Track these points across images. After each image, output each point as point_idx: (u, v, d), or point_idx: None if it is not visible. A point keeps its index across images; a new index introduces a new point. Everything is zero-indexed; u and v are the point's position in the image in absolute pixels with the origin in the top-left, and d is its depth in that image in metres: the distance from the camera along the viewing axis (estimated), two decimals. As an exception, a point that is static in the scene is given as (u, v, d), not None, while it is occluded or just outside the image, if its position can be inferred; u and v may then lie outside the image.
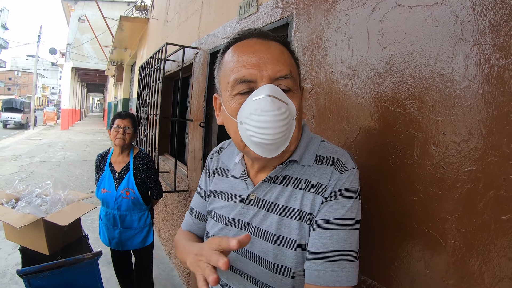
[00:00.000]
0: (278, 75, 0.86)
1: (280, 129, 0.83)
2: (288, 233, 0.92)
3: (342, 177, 0.91)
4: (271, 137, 0.83)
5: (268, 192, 0.98)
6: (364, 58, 1.28)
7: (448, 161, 0.99)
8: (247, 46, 0.90)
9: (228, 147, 1.17)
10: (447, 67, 1.00)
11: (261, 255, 0.94)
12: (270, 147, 0.86)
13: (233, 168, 1.08)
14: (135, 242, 2.95)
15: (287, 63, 0.89)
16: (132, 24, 8.13)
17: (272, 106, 0.81)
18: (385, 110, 1.19)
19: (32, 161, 10.95)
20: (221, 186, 1.11)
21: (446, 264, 0.99)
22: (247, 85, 0.86)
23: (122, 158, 2.92)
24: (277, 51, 0.89)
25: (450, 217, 0.98)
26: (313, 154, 0.97)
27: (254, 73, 0.85)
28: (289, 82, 0.88)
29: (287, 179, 0.97)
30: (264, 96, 0.82)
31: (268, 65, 0.85)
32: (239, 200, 1.03)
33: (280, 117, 0.82)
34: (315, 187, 0.92)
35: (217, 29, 2.87)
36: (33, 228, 2.43)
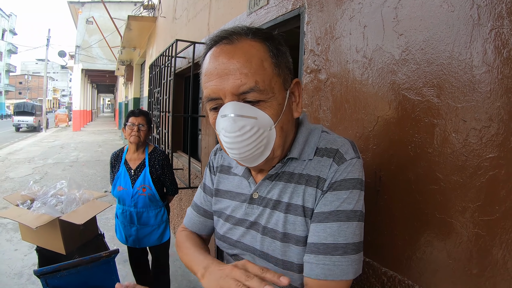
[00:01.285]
0: (241, 90, 0.81)
1: (245, 148, 0.82)
2: (293, 230, 0.92)
3: (339, 168, 0.89)
4: (238, 156, 0.85)
5: (270, 190, 0.98)
6: (380, 46, 1.26)
7: (469, 148, 0.97)
8: (213, 57, 0.85)
9: None
10: (465, 52, 0.98)
11: (269, 252, 0.96)
12: (246, 160, 0.88)
13: (236, 166, 1.09)
14: (152, 239, 2.96)
15: (252, 72, 0.81)
16: (140, 23, 8.15)
17: (233, 127, 0.81)
18: (403, 98, 1.17)
19: (45, 162, 11.07)
20: (225, 185, 1.11)
21: (469, 254, 0.97)
22: (215, 102, 0.86)
23: (137, 155, 2.93)
24: (242, 58, 0.82)
25: (472, 206, 0.97)
26: (313, 147, 0.95)
27: (216, 91, 0.83)
28: (255, 95, 0.82)
29: (288, 175, 0.96)
30: (227, 116, 0.81)
31: (230, 79, 0.81)
32: (243, 199, 1.04)
33: (243, 137, 0.81)
34: (315, 181, 0.91)
35: (227, 23, 2.87)
36: (49, 228, 2.43)
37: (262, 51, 0.84)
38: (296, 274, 0.92)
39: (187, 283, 3.83)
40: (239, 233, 1.03)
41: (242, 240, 1.03)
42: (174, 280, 3.53)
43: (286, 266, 0.93)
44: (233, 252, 1.07)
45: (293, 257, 0.92)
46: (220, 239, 1.10)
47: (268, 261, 0.96)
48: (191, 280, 3.88)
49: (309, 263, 0.87)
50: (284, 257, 0.93)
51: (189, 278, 3.93)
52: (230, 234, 1.06)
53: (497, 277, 0.91)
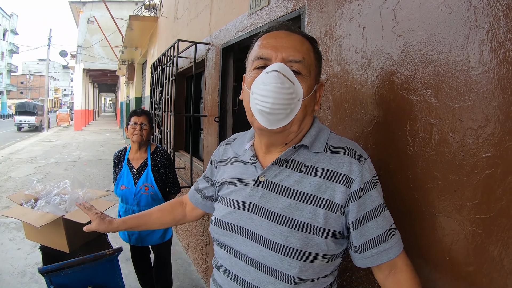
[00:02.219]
0: (291, 58, 0.96)
1: (280, 100, 0.91)
2: (300, 217, 0.97)
3: (365, 167, 0.98)
4: (270, 105, 0.91)
5: (277, 175, 1.04)
6: (379, 47, 1.28)
7: (466, 148, 0.99)
8: (272, 33, 1.02)
9: (241, 138, 1.25)
10: (462, 53, 1.00)
11: (269, 237, 0.98)
12: (270, 117, 0.94)
13: (243, 154, 1.16)
14: (155, 238, 2.99)
15: (303, 51, 0.98)
16: (141, 23, 8.17)
17: (275, 79, 0.91)
18: (401, 98, 1.19)
19: (47, 162, 11.10)
20: (231, 173, 1.17)
21: (465, 251, 0.99)
22: (263, 62, 0.98)
23: (140, 155, 2.95)
24: (297, 41, 1.00)
25: (469, 204, 0.98)
26: (323, 143, 1.04)
27: (270, 53, 0.97)
28: (300, 66, 0.97)
29: (297, 164, 1.03)
30: (273, 70, 0.92)
31: (284, 49, 0.96)
32: (249, 183, 1.09)
33: (282, 90, 0.91)
34: (331, 174, 0.98)
35: (228, 24, 2.89)
36: (53, 227, 2.45)
37: (310, 45, 1.02)
38: (296, 260, 0.95)
39: (189, 281, 3.86)
40: (238, 216, 1.07)
41: (240, 223, 1.06)
42: (176, 278, 3.56)
43: (287, 252, 0.96)
44: (225, 241, 1.09)
45: (295, 243, 0.95)
46: (216, 223, 1.13)
47: (266, 247, 0.99)
48: (193, 279, 3.90)
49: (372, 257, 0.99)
50: (287, 243, 0.96)
51: (191, 276, 3.96)
52: (229, 217, 1.09)
53: (494, 273, 0.93)
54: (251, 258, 1.01)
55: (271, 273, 0.98)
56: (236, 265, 1.05)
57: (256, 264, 1.00)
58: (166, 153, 3.04)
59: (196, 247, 4.03)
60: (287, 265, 0.95)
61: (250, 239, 1.02)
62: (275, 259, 0.97)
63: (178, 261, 4.27)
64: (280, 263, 0.96)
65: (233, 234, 1.07)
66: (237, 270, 1.05)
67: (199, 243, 3.90)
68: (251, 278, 1.01)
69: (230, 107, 3.08)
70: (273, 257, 0.97)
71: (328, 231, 0.97)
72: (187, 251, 4.52)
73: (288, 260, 0.95)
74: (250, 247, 1.02)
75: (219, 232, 1.11)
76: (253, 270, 1.01)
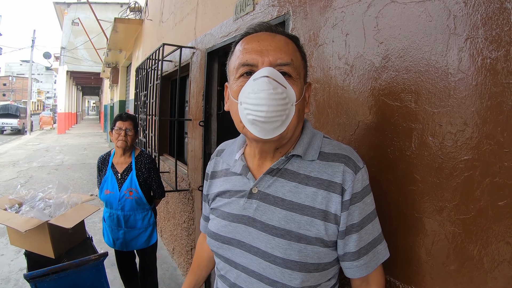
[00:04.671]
0: (279, 62, 0.91)
1: (275, 107, 0.86)
2: (297, 228, 0.94)
3: (357, 177, 0.96)
4: (265, 114, 0.86)
5: (271, 185, 1.00)
6: (361, 54, 1.31)
7: (445, 151, 1.02)
8: (254, 37, 0.96)
9: (229, 147, 1.20)
10: (442, 60, 1.03)
11: (268, 250, 0.96)
12: (265, 126, 0.88)
13: (233, 165, 1.11)
14: (140, 242, 2.98)
15: (289, 53, 0.94)
16: (126, 26, 8.11)
17: (267, 85, 0.86)
18: (382, 103, 1.22)
19: (30, 166, 10.94)
20: (224, 186, 1.12)
21: (446, 251, 1.02)
22: (249, 68, 0.92)
23: (124, 159, 2.95)
24: (281, 42, 0.95)
25: (448, 205, 1.01)
26: (317, 150, 1.00)
27: (255, 58, 0.91)
28: (289, 69, 0.92)
29: (291, 174, 0.99)
30: (263, 76, 0.87)
31: (270, 52, 0.91)
32: (242, 195, 1.04)
33: (276, 96, 0.86)
34: (326, 184, 0.95)
35: (213, 28, 2.89)
36: (38, 232, 2.44)
37: (295, 45, 0.98)
38: (298, 273, 0.93)
39: (175, 286, 3.85)
40: (234, 230, 1.03)
41: (236, 237, 1.02)
42: (161, 283, 3.55)
43: (287, 265, 0.93)
44: (223, 254, 1.07)
45: (294, 255, 0.93)
46: (212, 236, 1.10)
47: (265, 260, 0.96)
48: (179, 283, 3.89)
49: (365, 265, 0.98)
50: (286, 256, 0.93)
51: (177, 281, 3.95)
52: (224, 231, 1.06)
53: (474, 272, 0.95)
54: (252, 270, 0.99)
55: (273, 284, 0.96)
56: (239, 277, 1.03)
57: (258, 276, 0.98)
58: (151, 157, 3.04)
59: (182, 251, 4.02)
60: (288, 277, 0.94)
61: (248, 252, 1.00)
62: (276, 272, 0.95)
63: (163, 265, 4.25)
64: (281, 275, 0.94)
65: (231, 248, 1.04)
66: (241, 281, 1.03)
67: (184, 247, 3.88)
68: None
69: (215, 111, 3.08)
70: (273, 269, 0.95)
71: (327, 241, 0.95)
72: (172, 255, 4.50)
73: (288, 272, 0.94)
74: (249, 260, 1.00)
75: (216, 245, 1.08)
76: (255, 281, 0.99)
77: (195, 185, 3.38)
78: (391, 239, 1.08)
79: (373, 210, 1.00)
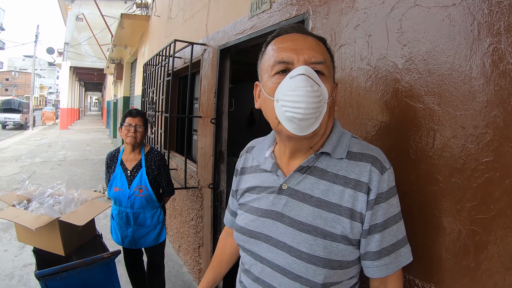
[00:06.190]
0: (313, 60, 0.94)
1: (312, 104, 0.89)
2: (323, 225, 0.97)
3: (383, 178, 0.98)
4: (303, 111, 0.89)
5: (300, 182, 1.03)
6: (384, 55, 1.33)
7: (466, 153, 1.05)
8: (287, 36, 1.00)
9: (259, 144, 1.24)
10: (465, 64, 1.05)
11: (294, 245, 0.99)
12: (301, 123, 0.91)
13: (264, 162, 1.14)
14: (148, 240, 2.96)
15: (321, 52, 0.98)
16: (133, 22, 8.09)
17: (305, 83, 0.89)
18: (405, 105, 1.24)
19: (33, 161, 10.95)
20: (254, 182, 1.16)
21: (466, 249, 1.05)
22: (285, 65, 0.95)
23: (133, 156, 2.92)
24: (313, 42, 0.99)
25: (469, 205, 1.04)
26: (345, 148, 1.03)
27: (291, 56, 0.94)
28: (322, 67, 0.95)
29: (320, 171, 1.02)
30: (300, 74, 0.90)
31: (304, 51, 0.95)
32: (271, 191, 1.08)
33: (312, 93, 0.89)
34: (354, 183, 0.98)
35: (227, 25, 2.88)
36: (48, 229, 2.39)
37: (323, 46, 1.02)
38: (322, 269, 0.96)
39: (181, 283, 3.84)
40: (261, 224, 1.06)
41: (264, 231, 1.05)
42: (167, 280, 3.54)
43: (312, 260, 0.96)
44: (250, 248, 1.10)
45: (319, 251, 0.95)
46: (239, 230, 1.13)
47: (290, 254, 0.99)
48: (185, 281, 3.90)
49: (385, 265, 1.00)
50: (311, 251, 0.96)
51: (183, 278, 3.95)
52: (252, 225, 1.09)
53: (493, 269, 0.98)
54: (277, 265, 1.02)
55: (297, 279, 0.98)
56: (263, 271, 1.06)
57: (282, 270, 1.01)
58: (160, 155, 3.01)
59: (188, 249, 4.02)
60: (312, 272, 0.96)
61: (275, 246, 1.03)
62: (300, 267, 0.97)
63: (169, 263, 4.24)
64: (305, 270, 0.97)
65: (257, 242, 1.07)
66: (264, 275, 1.06)
67: (192, 244, 3.89)
68: (278, 283, 1.02)
69: (226, 108, 3.08)
70: (298, 264, 0.97)
71: (351, 239, 0.98)
72: (178, 253, 4.51)
73: (313, 268, 0.96)
74: (275, 254, 1.02)
75: (243, 239, 1.11)
76: (279, 276, 1.02)
77: (205, 182, 3.39)
78: (411, 238, 1.10)
79: (398, 212, 1.02)
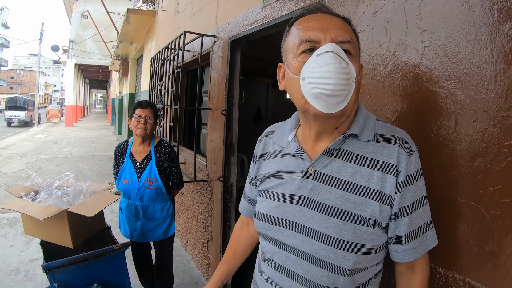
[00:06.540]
0: (340, 39, 0.92)
1: (341, 81, 0.88)
2: (352, 209, 0.95)
3: (411, 160, 0.96)
4: (332, 87, 0.87)
5: (327, 165, 1.00)
6: (403, 41, 1.32)
7: (489, 136, 1.04)
8: (312, 16, 0.98)
9: (280, 129, 1.20)
10: (485, 49, 1.04)
11: (322, 230, 0.96)
12: (330, 100, 0.89)
13: (287, 146, 1.11)
14: (157, 234, 2.92)
15: (348, 31, 0.96)
16: (139, 17, 8.11)
17: (334, 59, 0.88)
18: (425, 90, 1.23)
19: (38, 157, 11.00)
20: (276, 167, 1.12)
21: (489, 233, 1.04)
22: (311, 44, 0.93)
23: (143, 148, 2.89)
24: (339, 21, 0.97)
25: (492, 189, 1.03)
26: (371, 131, 1.01)
27: (318, 35, 0.93)
28: (349, 46, 0.94)
29: (347, 154, 1.00)
30: (327, 51, 0.89)
31: (331, 30, 0.93)
32: (297, 175, 1.04)
33: (341, 70, 0.88)
34: (382, 165, 0.96)
35: (238, 16, 2.85)
36: (56, 221, 2.35)
37: (349, 26, 1.00)
38: (350, 253, 0.94)
39: (189, 278, 3.82)
40: (286, 210, 1.03)
41: (289, 217, 1.02)
42: (175, 275, 3.52)
43: (341, 245, 0.94)
44: (273, 236, 1.06)
45: (349, 236, 0.94)
46: (262, 218, 1.10)
47: (318, 240, 0.96)
48: (193, 275, 3.87)
49: (413, 249, 1.00)
50: (340, 236, 0.94)
51: (191, 273, 3.93)
52: (276, 212, 1.06)
53: (517, 254, 0.97)
54: (303, 251, 0.99)
55: (325, 266, 0.96)
56: (288, 259, 1.03)
57: (309, 258, 0.98)
58: (171, 147, 2.97)
59: (196, 243, 4.01)
60: (341, 258, 0.94)
61: (301, 233, 1.00)
62: (329, 253, 0.95)
63: (177, 258, 4.18)
64: (334, 256, 0.95)
65: (281, 229, 1.04)
66: (289, 264, 1.03)
67: (200, 239, 3.87)
68: (303, 271, 1.00)
69: (237, 100, 3.05)
70: (326, 250, 0.95)
71: (380, 223, 0.96)
72: (186, 247, 4.50)
73: (342, 254, 0.94)
74: (301, 241, 0.99)
75: (266, 227, 1.08)
76: (305, 263, 0.99)
77: (215, 175, 3.37)
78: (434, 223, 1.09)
79: (424, 194, 1.01)
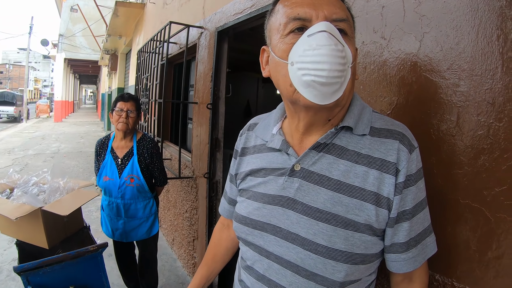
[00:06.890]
0: (334, 17, 0.79)
1: (337, 66, 0.75)
2: (345, 213, 0.83)
3: (412, 157, 0.85)
4: (326, 73, 0.74)
5: (316, 162, 0.88)
6: (400, 27, 1.21)
7: (495, 131, 0.94)
8: None
9: (264, 121, 1.07)
10: (491, 35, 0.94)
11: (309, 237, 0.84)
12: (324, 89, 0.76)
13: (271, 140, 0.98)
14: (140, 233, 2.83)
15: (343, 9, 0.83)
16: (127, 10, 7.97)
17: (328, 41, 0.74)
18: (425, 80, 1.12)
19: (26, 153, 10.85)
20: (259, 163, 1.00)
21: (493, 238, 0.94)
22: (301, 23, 0.80)
23: (124, 143, 2.77)
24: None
25: (498, 189, 0.93)
26: (367, 123, 0.88)
27: (309, 12, 0.79)
28: (345, 26, 0.81)
29: (339, 149, 0.87)
30: (321, 31, 0.76)
31: (324, 6, 0.79)
32: (281, 173, 0.92)
33: (337, 53, 0.75)
34: (379, 163, 0.84)
35: (225, 6, 2.75)
36: (30, 220, 2.25)
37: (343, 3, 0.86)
38: (341, 264, 0.82)
39: (175, 278, 3.75)
40: (269, 213, 0.91)
41: (271, 221, 0.90)
42: (161, 275, 3.44)
43: (331, 255, 0.82)
44: (254, 241, 0.95)
45: (340, 244, 0.82)
46: (241, 221, 0.98)
47: (304, 248, 0.85)
48: (179, 275, 3.81)
49: (413, 258, 0.88)
50: (329, 243, 0.82)
51: (177, 272, 3.87)
52: (257, 214, 0.94)
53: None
54: (287, 260, 0.87)
55: (312, 277, 0.84)
56: (270, 268, 0.91)
57: (294, 267, 0.86)
58: (154, 142, 2.86)
59: (182, 242, 3.92)
60: (331, 269, 0.82)
61: (285, 239, 0.88)
62: (316, 263, 0.83)
63: (162, 257, 4.15)
64: (322, 267, 0.83)
65: (263, 234, 0.92)
66: (271, 273, 0.91)
67: (186, 238, 3.79)
68: (287, 283, 0.88)
69: (223, 94, 2.94)
70: (314, 260, 0.83)
71: (376, 229, 0.84)
72: (172, 246, 4.42)
73: (332, 264, 0.82)
74: (285, 248, 0.88)
75: (246, 231, 0.96)
76: (290, 274, 0.87)
77: (200, 172, 3.26)
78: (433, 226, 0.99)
79: (424, 197, 0.89)
